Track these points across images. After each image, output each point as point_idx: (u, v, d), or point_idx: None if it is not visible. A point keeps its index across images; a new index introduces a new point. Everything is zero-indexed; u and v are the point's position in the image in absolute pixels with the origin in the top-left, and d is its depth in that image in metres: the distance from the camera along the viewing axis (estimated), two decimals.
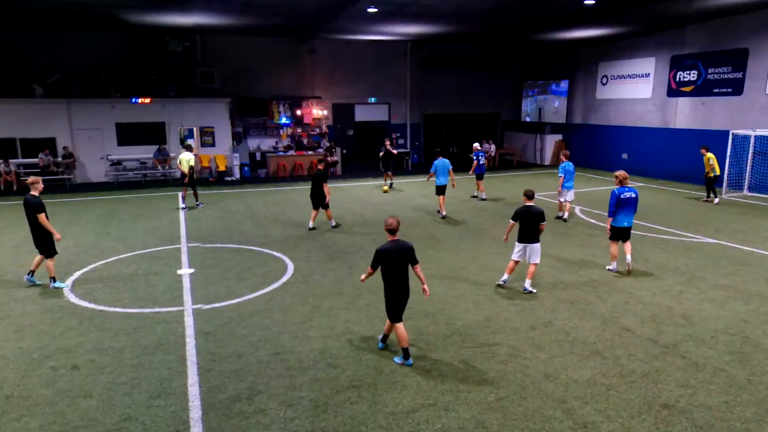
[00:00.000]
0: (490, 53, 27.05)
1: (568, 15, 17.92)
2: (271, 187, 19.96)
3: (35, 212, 8.71)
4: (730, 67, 18.62)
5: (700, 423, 5.13)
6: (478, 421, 5.20)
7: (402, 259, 6.42)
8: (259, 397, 5.67)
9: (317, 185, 12.89)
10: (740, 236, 12.19)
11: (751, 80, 18.01)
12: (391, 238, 6.55)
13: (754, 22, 17.68)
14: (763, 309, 7.93)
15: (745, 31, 18.02)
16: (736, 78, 18.48)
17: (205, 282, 9.32)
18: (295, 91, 24.19)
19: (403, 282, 6.46)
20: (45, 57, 20.35)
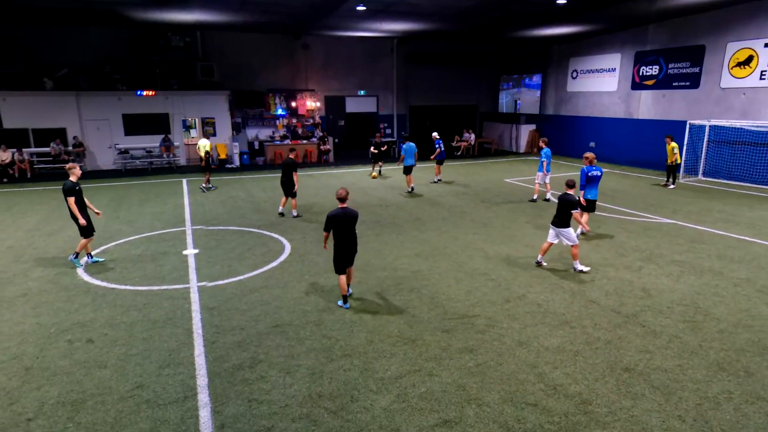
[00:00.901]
0: (470, 49, 26.90)
1: (542, 14, 17.83)
2: (268, 173, 19.81)
3: (66, 196, 8.69)
4: (688, 62, 18.71)
5: (657, 384, 5.27)
6: (459, 385, 5.28)
7: (347, 223, 7.05)
8: (261, 365, 5.71)
9: (287, 173, 12.33)
10: (694, 217, 12.38)
11: (707, 75, 18.12)
12: (340, 206, 7.11)
13: (710, 21, 17.73)
14: (714, 282, 8.10)
15: (702, 30, 18.07)
16: (693, 72, 18.58)
17: (209, 261, 9.29)
18: (290, 84, 23.91)
19: (348, 242, 7.12)
20: (53, 52, 19.88)
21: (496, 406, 4.91)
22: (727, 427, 4.58)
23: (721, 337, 6.27)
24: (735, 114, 17.25)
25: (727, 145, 17.25)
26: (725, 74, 17.52)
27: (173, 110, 21.40)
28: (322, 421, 4.73)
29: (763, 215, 12.54)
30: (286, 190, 12.53)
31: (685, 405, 4.91)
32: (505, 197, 15.04)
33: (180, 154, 21.80)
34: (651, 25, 19.90)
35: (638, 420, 4.68)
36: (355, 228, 7.16)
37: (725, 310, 7.04)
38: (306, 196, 15.24)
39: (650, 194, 15.42)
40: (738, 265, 8.85)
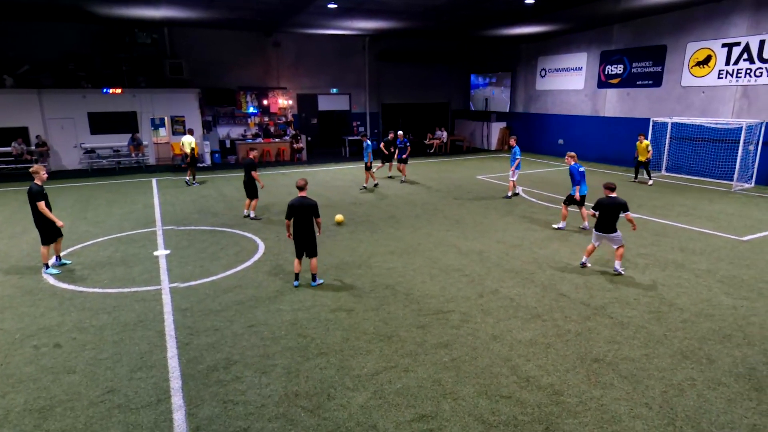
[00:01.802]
0: (441, 48, 27.07)
1: (510, 13, 18.08)
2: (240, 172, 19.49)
3: (35, 200, 8.28)
4: (651, 61, 19.26)
5: (625, 373, 5.42)
6: (434, 380, 5.33)
7: (304, 211, 7.50)
8: (236, 366, 5.63)
9: (247, 173, 12.05)
10: (659, 211, 12.77)
11: (669, 74, 18.69)
12: (299, 194, 7.65)
13: (671, 22, 18.29)
14: (677, 274, 8.37)
15: (664, 30, 18.62)
16: (656, 71, 19.14)
17: (181, 262, 9.11)
18: (261, 82, 23.62)
19: (304, 229, 7.59)
20: (14, 48, 19.12)
21: (471, 400, 4.97)
22: (690, 412, 4.75)
23: (685, 327, 6.49)
24: (695, 111, 17.85)
25: (688, 142, 17.84)
26: (686, 73, 18.10)
27: (141, 108, 20.86)
28: (298, 420, 4.70)
29: (721, 209, 13.03)
30: (248, 190, 12.17)
31: (651, 393, 5.06)
32: (477, 194, 15.21)
33: (149, 153, 21.28)
34: (616, 25, 20.41)
35: (607, 408, 4.81)
36: (312, 217, 7.58)
37: (688, 301, 7.29)
38: (279, 195, 15.09)
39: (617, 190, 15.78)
40: (699, 257, 9.18)
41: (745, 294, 7.51)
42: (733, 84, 16.69)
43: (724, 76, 16.90)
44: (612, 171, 19.50)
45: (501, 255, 9.41)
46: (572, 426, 4.56)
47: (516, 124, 26.45)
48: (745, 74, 16.32)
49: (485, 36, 24.21)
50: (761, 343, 6.03)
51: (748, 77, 16.27)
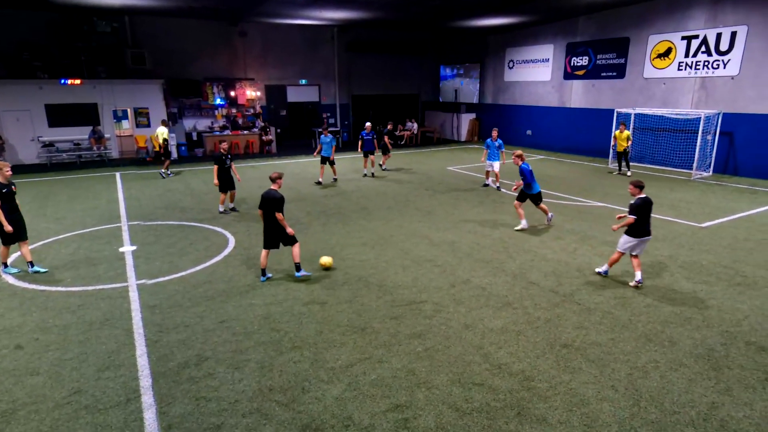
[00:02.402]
0: (410, 39, 27.06)
1: (479, 4, 18.20)
2: (209, 165, 19.14)
3: None
4: (614, 53, 19.71)
5: (593, 357, 5.60)
6: (408, 370, 5.38)
7: (268, 203, 7.49)
8: (208, 362, 5.56)
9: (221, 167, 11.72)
10: (623, 200, 13.12)
11: (632, 65, 19.18)
12: (271, 186, 7.70)
13: (633, 14, 18.74)
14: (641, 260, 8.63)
15: (627, 22, 19.08)
16: (619, 63, 19.61)
17: (148, 258, 8.90)
18: (228, 72, 23.14)
19: (269, 221, 7.57)
20: None
21: (445, 388, 5.05)
22: (654, 393, 4.94)
23: (648, 311, 6.73)
24: (657, 102, 18.40)
25: (651, 132, 18.39)
26: (647, 65, 18.61)
27: (102, 100, 20.15)
28: (273, 414, 4.68)
29: (682, 197, 13.51)
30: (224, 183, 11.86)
31: (617, 375, 5.24)
32: (448, 185, 15.34)
33: (111, 146, 20.61)
34: (581, 17, 20.79)
35: (576, 392, 4.96)
36: (275, 210, 7.44)
37: (651, 286, 7.55)
38: (249, 188, 14.87)
39: (583, 179, 16.22)
40: (662, 244, 9.50)
41: (704, 278, 7.83)
42: (692, 76, 17.26)
43: (683, 68, 17.45)
44: (579, 161, 19.95)
45: (472, 245, 9.53)
46: (543, 410, 4.69)
47: (485, 115, 26.73)
48: (703, 66, 16.89)
49: (454, 27, 24.30)
50: (719, 325, 6.31)
51: (706, 69, 16.84)
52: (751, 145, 16.02)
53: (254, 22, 22.54)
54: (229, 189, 11.97)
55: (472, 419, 4.58)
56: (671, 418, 4.56)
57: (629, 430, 4.42)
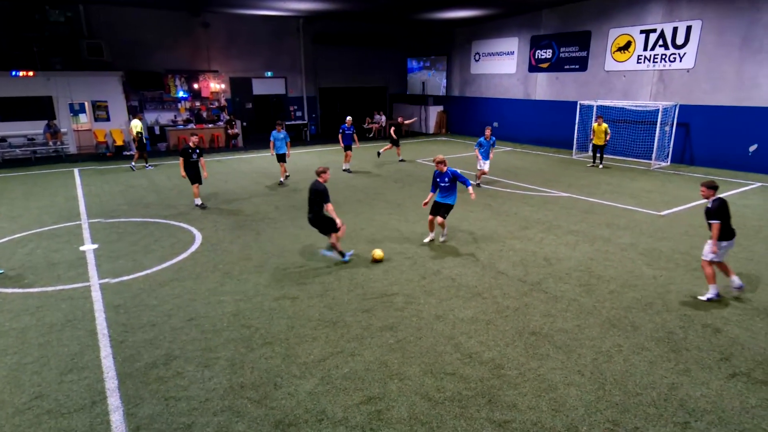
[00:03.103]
0: (378, 31, 26.94)
1: None
2: (173, 160, 18.67)
3: None
4: (577, 47, 20.14)
5: (560, 344, 5.75)
6: (381, 362, 5.41)
7: (311, 194, 8.00)
8: (176, 361, 5.45)
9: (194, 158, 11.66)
10: (586, 190, 13.50)
11: (594, 58, 19.65)
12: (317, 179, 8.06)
13: (595, 7, 19.18)
14: (604, 249, 8.93)
15: (588, 16, 19.51)
16: (581, 56, 20.05)
17: (111, 256, 8.63)
18: (190, 65, 22.53)
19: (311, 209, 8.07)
20: None
21: (417, 379, 5.10)
22: (618, 376, 5.12)
23: (612, 297, 6.95)
24: (617, 95, 18.92)
25: (612, 123, 18.90)
26: (608, 58, 19.10)
27: (58, 93, 19.35)
28: (245, 411, 4.63)
29: (642, 186, 13.97)
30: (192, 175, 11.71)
31: (583, 360, 5.41)
32: (418, 177, 15.41)
33: (68, 141, 19.84)
34: (544, 10, 21.13)
35: (545, 378, 5.09)
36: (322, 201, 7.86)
37: (614, 273, 7.80)
38: (215, 183, 14.59)
39: (549, 170, 16.57)
40: (623, 232, 9.82)
41: (664, 265, 8.14)
42: (651, 69, 17.81)
43: (642, 61, 17.99)
44: (545, 153, 20.36)
45: None
46: (513, 397, 4.80)
47: (452, 107, 26.94)
48: (661, 59, 17.45)
49: (421, 19, 24.34)
50: (678, 309, 6.58)
51: (663, 62, 17.41)
52: (706, 136, 16.68)
53: (217, 13, 22.00)
54: (194, 183, 11.73)
55: (445, 408, 4.65)
56: (634, 400, 4.74)
57: (595, 412, 4.57)
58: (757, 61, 15.08)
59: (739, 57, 15.44)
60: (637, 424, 4.41)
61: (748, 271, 7.79)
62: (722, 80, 15.98)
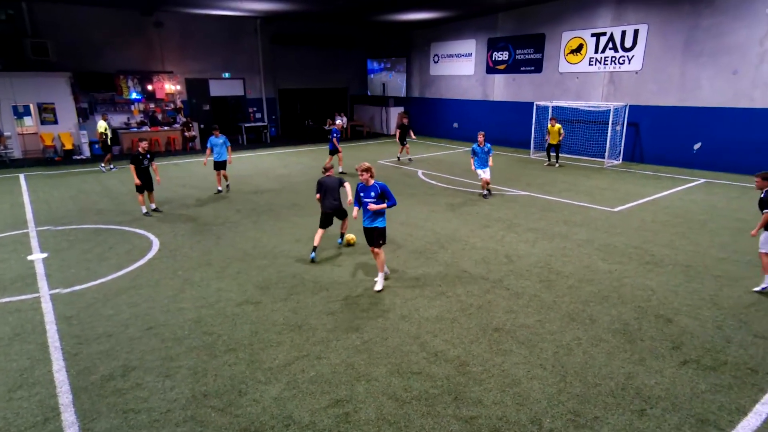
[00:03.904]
0: (338, 32, 26.86)
1: None
2: (127, 164, 18.02)
3: None
4: (532, 49, 20.68)
5: (522, 339, 5.88)
6: (347, 364, 5.39)
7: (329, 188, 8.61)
8: (135, 372, 5.26)
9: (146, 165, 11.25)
10: (544, 188, 13.88)
11: (548, 60, 20.22)
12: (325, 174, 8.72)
13: (549, 11, 19.74)
14: (562, 245, 9.20)
15: (542, 19, 20.06)
16: (536, 58, 20.60)
17: (62, 266, 8.25)
18: (143, 65, 21.80)
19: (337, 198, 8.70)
20: None
21: (384, 380, 5.11)
22: (578, 368, 5.28)
23: (570, 292, 7.17)
24: (571, 95, 19.54)
25: (567, 123, 19.49)
26: (562, 60, 19.69)
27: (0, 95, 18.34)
28: (209, 420, 4.52)
29: (596, 184, 14.48)
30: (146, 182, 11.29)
31: (545, 354, 5.55)
32: (380, 178, 15.33)
33: (13, 145, 18.84)
34: (500, 13, 21.59)
35: (508, 373, 5.20)
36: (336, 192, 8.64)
37: (572, 268, 8.05)
38: (172, 186, 14.19)
39: (508, 169, 16.93)
40: (580, 228, 10.14)
41: (618, 259, 8.45)
42: (602, 70, 18.48)
43: (594, 63, 18.64)
44: (503, 152, 20.78)
45: (405, 236, 9.68)
46: (478, 393, 4.87)
47: (413, 108, 27.13)
48: (611, 62, 18.13)
49: (380, 21, 24.42)
50: (632, 302, 6.85)
51: (613, 64, 18.09)
52: (654, 135, 17.44)
53: (170, 12, 21.38)
54: (147, 189, 11.34)
55: (412, 407, 4.67)
56: (594, 390, 4.90)
57: (557, 404, 4.70)
58: (699, 64, 15.88)
59: (683, 60, 16.23)
60: (596, 413, 4.57)
61: (694, 263, 8.19)
62: (668, 82, 16.75)
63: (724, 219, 10.68)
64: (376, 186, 7.25)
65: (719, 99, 15.60)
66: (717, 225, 10.26)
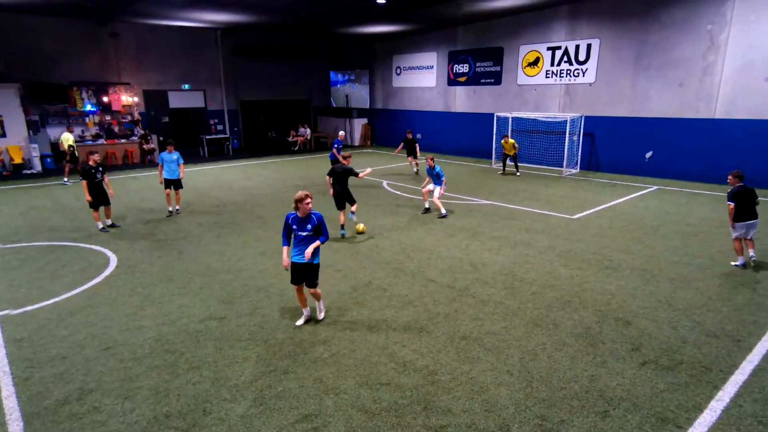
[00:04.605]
0: (300, 44, 26.85)
1: (364, 11, 18.58)
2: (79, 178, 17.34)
3: None
4: (491, 62, 21.21)
5: (489, 346, 5.95)
6: (315, 378, 5.31)
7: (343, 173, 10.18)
8: (92, 395, 5.03)
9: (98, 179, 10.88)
10: (506, 197, 14.17)
11: (507, 73, 20.78)
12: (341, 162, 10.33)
13: (506, 25, 20.32)
14: (525, 252, 9.39)
15: (501, 33, 20.63)
16: (496, 71, 21.13)
17: (12, 285, 7.84)
18: (99, 76, 21.14)
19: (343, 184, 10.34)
20: None
21: (353, 392, 5.06)
22: (543, 373, 5.38)
23: (534, 298, 7.31)
24: (530, 107, 20.11)
25: (527, 134, 20.04)
26: (520, 73, 20.27)
27: None
28: None
29: (556, 192, 14.89)
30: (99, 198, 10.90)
31: (511, 360, 5.63)
32: None
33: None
34: (460, 27, 22.09)
35: (476, 381, 5.24)
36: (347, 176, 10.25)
37: (535, 275, 8.22)
38: (131, 200, 13.74)
39: (471, 179, 17.21)
40: (541, 236, 10.39)
41: (578, 265, 8.70)
42: (558, 83, 19.12)
43: (550, 75, 19.27)
44: (466, 162, 21.14)
45: (371, 247, 9.67)
46: (447, 401, 4.89)
47: (377, 120, 27.32)
48: (567, 74, 18.79)
49: (342, 33, 24.56)
50: (593, 306, 7.05)
51: (568, 77, 18.75)
52: (609, 145, 18.13)
53: (127, 23, 20.88)
54: (103, 204, 10.94)
55: (382, 419, 4.64)
56: (559, 394, 4.99)
57: (524, 409, 4.76)
58: (647, 77, 16.65)
59: (633, 73, 16.98)
60: (562, 417, 4.65)
61: (650, 267, 8.51)
62: (620, 93, 17.47)
63: (675, 224, 11.17)
64: (312, 217, 6.16)
65: (668, 110, 16.38)
66: (669, 230, 10.71)
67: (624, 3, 16.72)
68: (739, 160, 14.88)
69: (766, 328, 6.30)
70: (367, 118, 27.86)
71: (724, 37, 14.79)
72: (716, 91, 15.24)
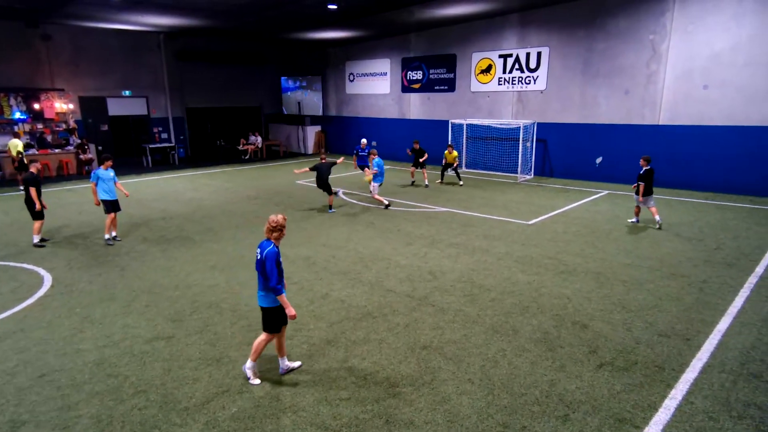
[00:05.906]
0: (249, 49, 26.48)
1: (315, 17, 18.57)
2: (10, 191, 16.39)
3: None
4: (445, 69, 21.64)
5: (450, 355, 6.00)
6: (272, 396, 5.19)
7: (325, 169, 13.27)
8: (25, 428, 4.71)
9: (26, 190, 10.26)
10: (463, 204, 14.42)
11: (460, 80, 21.24)
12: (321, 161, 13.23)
13: (458, 33, 20.82)
14: (483, 259, 9.57)
15: (453, 40, 21.11)
16: (449, 78, 21.57)
17: None
18: (28, 82, 20.10)
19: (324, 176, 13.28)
20: None
21: (312, 409, 4.98)
22: (504, 379, 5.47)
23: (493, 305, 7.45)
24: (484, 114, 20.62)
25: (481, 141, 20.52)
26: (473, 80, 20.78)
27: None
28: None
29: (512, 198, 15.29)
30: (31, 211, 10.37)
31: (472, 369, 5.70)
32: (299, 199, 15.27)
33: None
34: (412, 34, 22.44)
35: (438, 391, 5.27)
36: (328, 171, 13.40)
37: (494, 282, 8.39)
38: (67, 214, 13.08)
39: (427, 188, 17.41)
40: (499, 242, 10.62)
41: (536, 270, 8.94)
42: (510, 90, 19.71)
43: (503, 82, 19.85)
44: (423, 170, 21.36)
45: (327, 258, 9.60)
46: (409, 414, 4.88)
47: (330, 127, 27.27)
48: (518, 81, 19.40)
49: (293, 39, 24.41)
50: (550, 310, 7.25)
51: (520, 84, 19.37)
52: (561, 151, 18.82)
53: (60, 25, 19.98)
54: (39, 218, 10.38)
55: None
56: (520, 400, 5.09)
57: (486, 418, 4.82)
58: (595, 84, 17.44)
59: (582, 80, 17.74)
60: (524, 423, 4.74)
61: (603, 270, 8.85)
62: (569, 100, 18.20)
63: (625, 227, 11.69)
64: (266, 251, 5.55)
65: (615, 116, 17.19)
66: (620, 233, 11.20)
67: (572, 12, 17.48)
68: (682, 165, 15.79)
69: (713, 326, 6.68)
70: (321, 126, 27.76)
71: (665, 47, 15.72)
72: (660, 99, 16.14)
